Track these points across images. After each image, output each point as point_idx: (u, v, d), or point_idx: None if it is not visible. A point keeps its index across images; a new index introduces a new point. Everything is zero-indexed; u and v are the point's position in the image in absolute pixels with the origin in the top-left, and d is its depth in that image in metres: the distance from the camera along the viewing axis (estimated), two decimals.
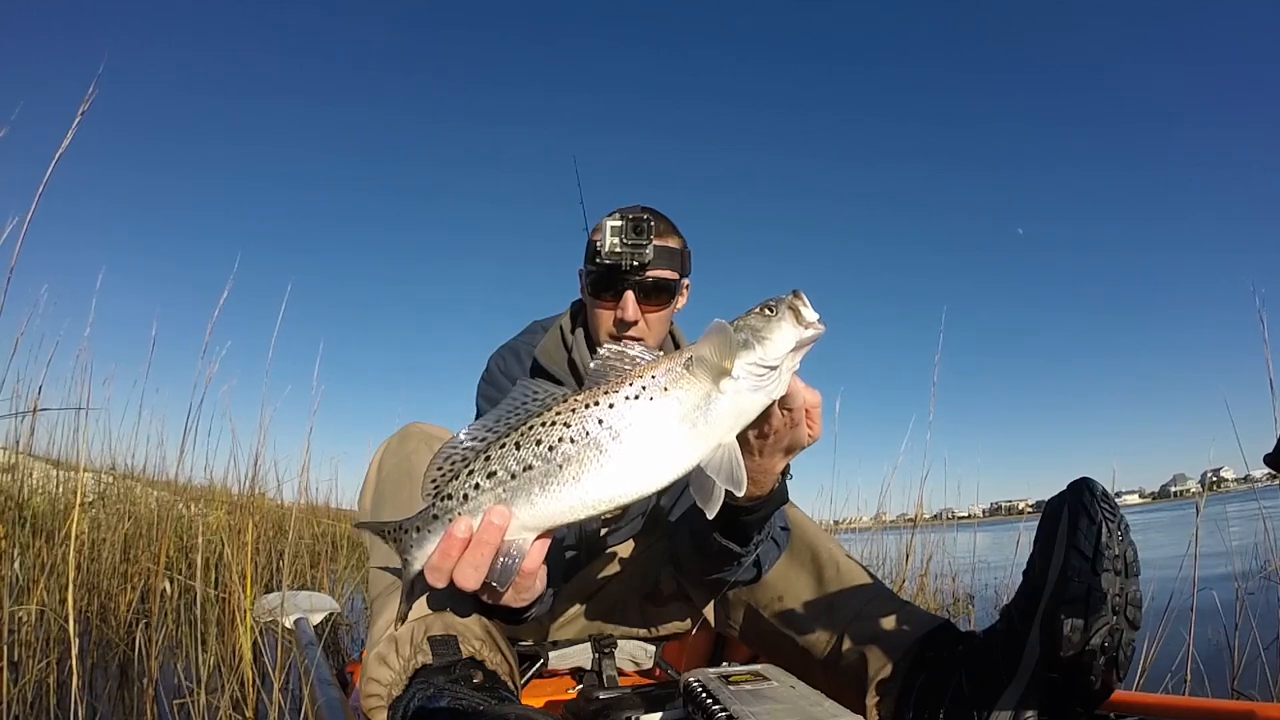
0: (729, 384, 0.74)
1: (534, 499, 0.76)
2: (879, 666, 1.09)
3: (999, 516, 9.87)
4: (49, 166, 1.99)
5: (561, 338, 1.42)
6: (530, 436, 0.76)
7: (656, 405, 0.74)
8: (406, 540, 0.84)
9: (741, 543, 1.07)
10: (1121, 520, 0.89)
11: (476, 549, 0.77)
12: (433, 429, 1.26)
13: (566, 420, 0.76)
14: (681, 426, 0.74)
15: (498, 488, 0.77)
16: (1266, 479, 3.00)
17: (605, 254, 1.23)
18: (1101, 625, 0.85)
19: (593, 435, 0.74)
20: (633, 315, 1.27)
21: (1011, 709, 0.92)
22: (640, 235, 1.23)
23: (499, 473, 0.77)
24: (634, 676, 1.55)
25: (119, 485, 3.37)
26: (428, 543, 0.81)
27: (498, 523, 0.77)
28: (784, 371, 0.77)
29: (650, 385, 0.75)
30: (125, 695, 2.14)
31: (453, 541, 0.78)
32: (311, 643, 1.83)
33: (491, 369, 1.44)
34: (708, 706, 0.89)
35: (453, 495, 0.79)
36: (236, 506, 3.33)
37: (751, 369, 0.74)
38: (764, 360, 0.75)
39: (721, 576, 1.16)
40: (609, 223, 1.24)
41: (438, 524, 0.81)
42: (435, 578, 0.80)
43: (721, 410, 0.74)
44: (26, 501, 2.72)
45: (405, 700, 0.85)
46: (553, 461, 0.75)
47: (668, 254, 1.30)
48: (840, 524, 4.42)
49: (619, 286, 1.28)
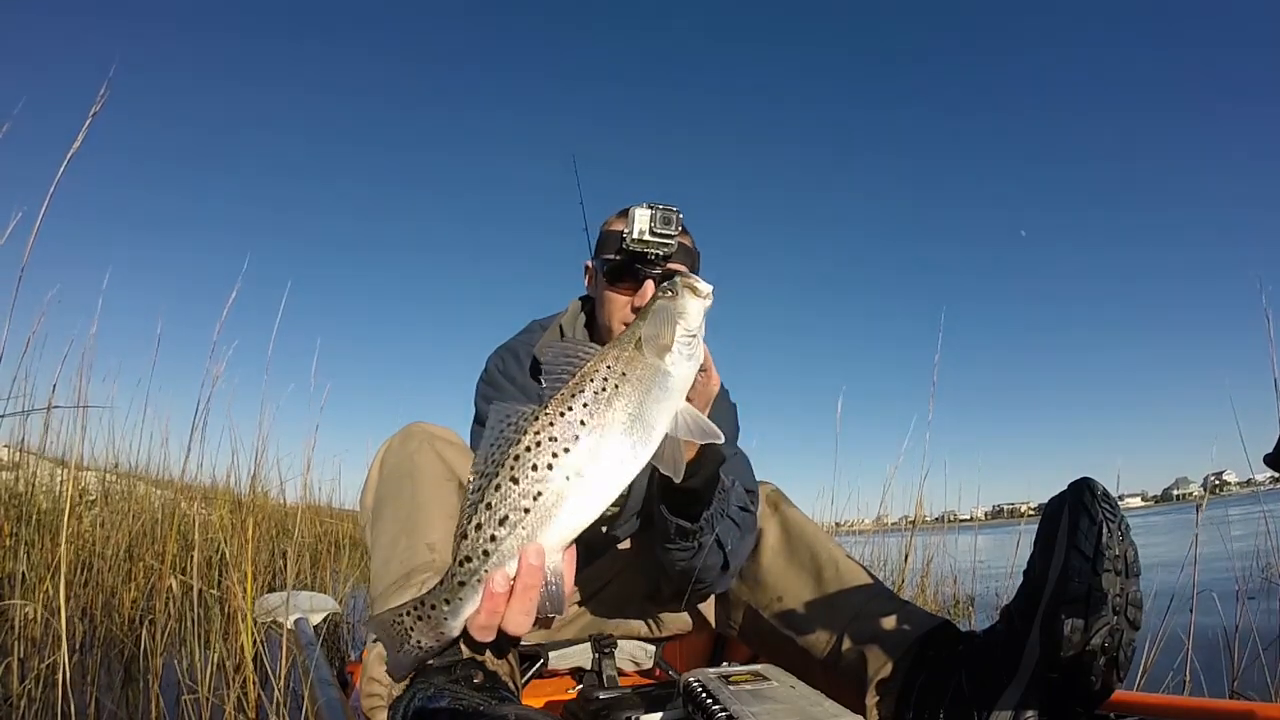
0: (670, 357, 0.81)
1: (554, 522, 0.77)
2: (879, 666, 1.10)
3: (1000, 519, 9.84)
4: (59, 167, 2.00)
5: (560, 336, 1.42)
6: (524, 464, 0.76)
7: (624, 391, 0.78)
8: (437, 615, 0.80)
9: (692, 518, 1.08)
10: (1122, 520, 0.89)
11: (524, 595, 0.76)
12: (435, 429, 1.27)
13: (551, 435, 0.77)
14: (649, 402, 0.79)
15: (516, 528, 0.77)
16: (1269, 482, 2.99)
17: (632, 241, 1.27)
18: (1102, 625, 0.85)
19: (583, 439, 0.76)
20: None
21: (1011, 709, 0.92)
22: (669, 226, 1.27)
23: (510, 516, 0.76)
24: (634, 676, 1.56)
25: (123, 484, 3.38)
26: (462, 611, 0.80)
27: (535, 563, 0.76)
28: (700, 338, 0.85)
29: (610, 374, 0.79)
30: (130, 692, 2.15)
31: (497, 598, 0.77)
32: (311, 643, 1.84)
33: (490, 369, 1.44)
34: (708, 706, 0.89)
35: (472, 556, 0.78)
36: (239, 505, 3.34)
37: (682, 340, 0.82)
38: (689, 330, 0.82)
39: (688, 562, 1.16)
40: (639, 211, 1.27)
41: (467, 589, 0.79)
42: (485, 635, 0.79)
43: (673, 381, 0.81)
44: (31, 499, 2.73)
45: (405, 700, 0.86)
46: (556, 478, 0.76)
47: (686, 251, 1.34)
48: (841, 526, 4.41)
49: (641, 275, 1.30)
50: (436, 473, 1.18)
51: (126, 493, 3.30)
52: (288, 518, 3.89)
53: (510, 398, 1.38)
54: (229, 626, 2.18)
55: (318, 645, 1.77)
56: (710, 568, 1.20)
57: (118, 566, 2.68)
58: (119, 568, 2.67)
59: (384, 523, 1.15)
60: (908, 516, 3.54)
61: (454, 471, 1.21)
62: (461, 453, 1.26)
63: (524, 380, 1.39)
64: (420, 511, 1.12)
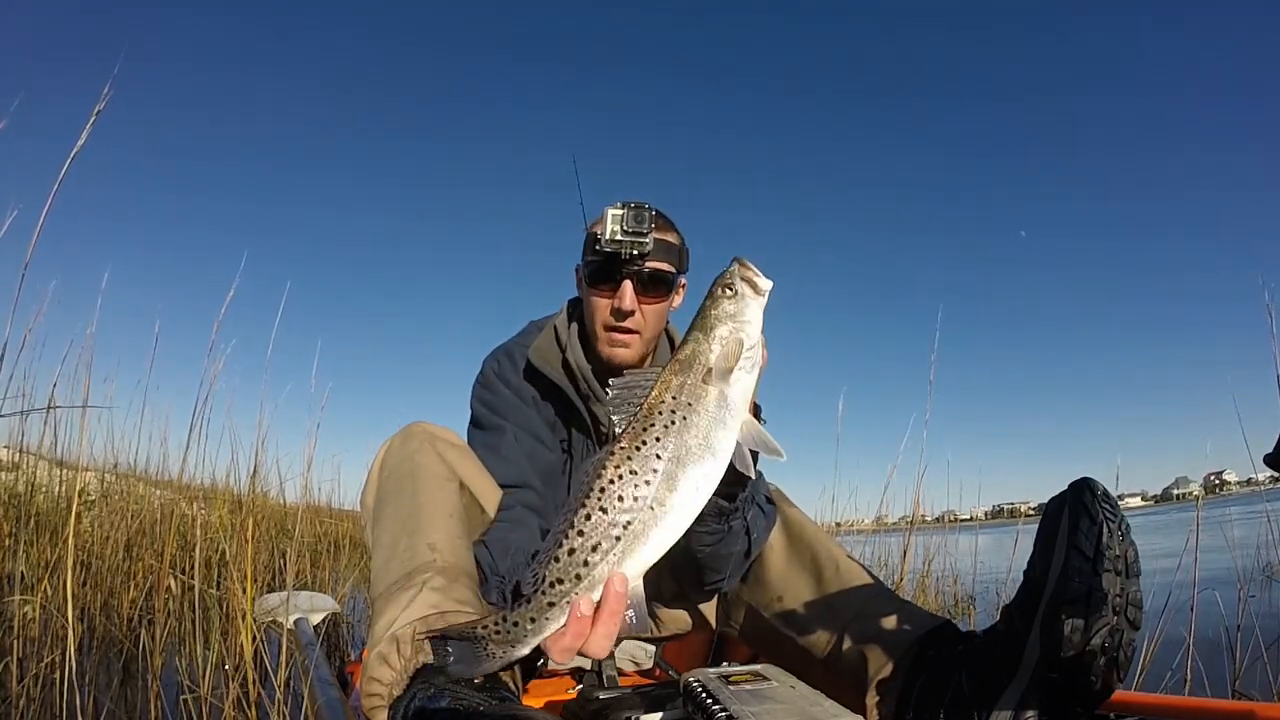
0: (736, 374, 0.83)
1: (640, 549, 0.81)
2: (879, 666, 1.10)
3: (1000, 519, 9.85)
4: (62, 167, 1.99)
5: (556, 338, 1.41)
6: (611, 496, 0.81)
7: (692, 422, 0.82)
8: (518, 633, 0.84)
9: (730, 498, 1.08)
10: (1122, 520, 0.89)
11: (610, 620, 0.79)
12: (436, 429, 1.27)
13: (631, 469, 0.81)
14: (715, 428, 0.82)
15: (608, 555, 0.81)
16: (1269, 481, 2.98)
17: (605, 241, 1.24)
18: (1102, 625, 0.85)
19: (661, 470, 0.81)
20: (630, 305, 1.27)
21: (1012, 709, 0.92)
22: (641, 224, 1.24)
23: (602, 544, 0.80)
24: (634, 676, 1.56)
25: (122, 483, 3.38)
26: (544, 631, 0.83)
27: (621, 589, 0.79)
28: (759, 343, 0.85)
29: (677, 406, 0.82)
30: (129, 692, 2.15)
31: (583, 621, 0.79)
32: (311, 643, 1.84)
33: (486, 372, 1.43)
34: (708, 706, 0.89)
35: (564, 579, 0.81)
36: (238, 505, 3.34)
37: (748, 355, 0.83)
38: (751, 342, 0.83)
39: (714, 548, 1.16)
40: (610, 211, 1.25)
41: (555, 610, 0.82)
42: (565, 657, 0.82)
43: (735, 399, 0.83)
44: (30, 499, 2.72)
45: (406, 700, 0.86)
46: (642, 509, 0.80)
47: (666, 247, 1.30)
48: (842, 525, 4.41)
49: (617, 275, 1.27)
50: (438, 473, 1.18)
51: (126, 492, 3.29)
52: (287, 517, 3.89)
53: (504, 399, 1.37)
54: (228, 626, 2.18)
55: (318, 645, 1.77)
56: (732, 555, 1.20)
57: (117, 566, 2.67)
58: (118, 567, 2.67)
59: (385, 522, 1.14)
60: (907, 516, 3.54)
61: (455, 472, 1.20)
62: (462, 453, 1.25)
63: (519, 384, 1.39)
64: (421, 512, 1.12)
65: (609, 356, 1.33)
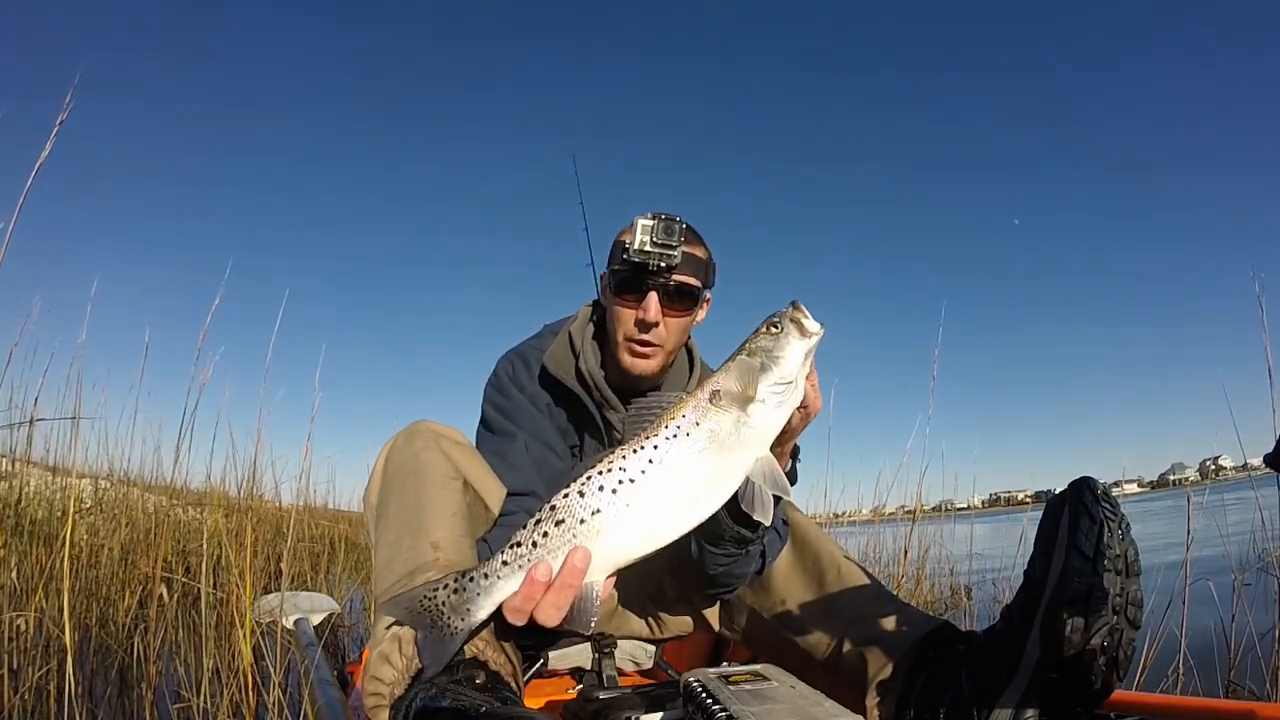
0: (755, 407, 0.83)
1: (606, 540, 0.83)
2: (879, 667, 1.10)
3: (998, 507, 9.91)
4: (28, 178, 1.97)
5: (570, 344, 1.39)
6: (592, 484, 0.83)
7: (694, 439, 0.83)
8: (473, 589, 0.86)
9: (753, 526, 1.07)
10: (1123, 520, 0.89)
11: (560, 591, 0.83)
12: (440, 427, 1.26)
13: (621, 465, 0.83)
14: (720, 454, 0.83)
15: (568, 532, 0.83)
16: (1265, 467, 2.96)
17: (634, 252, 1.23)
18: (1102, 625, 0.86)
19: (648, 474, 0.83)
20: (654, 316, 1.27)
21: (1012, 709, 0.92)
22: (670, 237, 1.23)
23: (566, 520, 0.83)
24: (634, 676, 1.55)
25: (116, 491, 3.36)
26: (497, 590, 0.86)
27: (579, 565, 0.82)
28: (799, 381, 0.85)
29: (684, 423, 0.84)
30: (125, 701, 2.14)
31: (535, 585, 0.83)
32: (311, 643, 1.83)
33: (500, 375, 1.41)
34: (708, 706, 0.89)
35: (522, 543, 0.85)
36: (234, 509, 3.32)
37: (773, 389, 0.84)
38: (782, 379, 0.84)
39: (728, 569, 1.15)
40: (640, 221, 1.24)
41: (508, 569, 0.85)
42: (516, 618, 0.85)
43: (752, 431, 0.83)
44: (24, 509, 2.70)
45: (407, 700, 0.86)
46: (617, 503, 0.82)
47: (694, 261, 1.29)
48: (839, 517, 4.42)
49: (644, 286, 1.27)
50: (441, 472, 1.17)
51: (120, 499, 3.27)
52: (283, 520, 3.87)
53: (517, 404, 1.36)
54: (226, 630, 2.17)
55: (318, 646, 1.76)
56: (745, 575, 1.21)
57: (112, 573, 2.66)
58: (114, 575, 2.66)
59: (388, 520, 1.14)
60: (905, 506, 3.54)
61: (459, 471, 1.20)
62: (466, 452, 1.24)
63: (532, 389, 1.37)
64: (424, 510, 1.12)
65: (629, 366, 1.32)
